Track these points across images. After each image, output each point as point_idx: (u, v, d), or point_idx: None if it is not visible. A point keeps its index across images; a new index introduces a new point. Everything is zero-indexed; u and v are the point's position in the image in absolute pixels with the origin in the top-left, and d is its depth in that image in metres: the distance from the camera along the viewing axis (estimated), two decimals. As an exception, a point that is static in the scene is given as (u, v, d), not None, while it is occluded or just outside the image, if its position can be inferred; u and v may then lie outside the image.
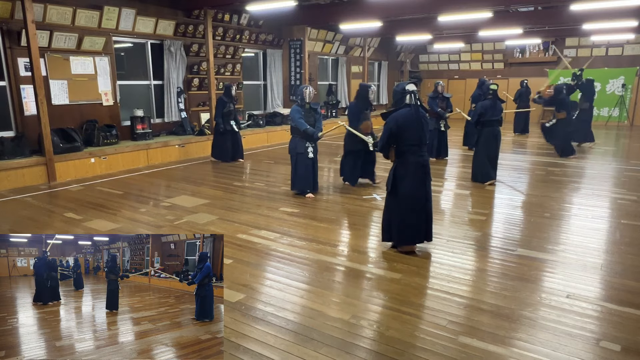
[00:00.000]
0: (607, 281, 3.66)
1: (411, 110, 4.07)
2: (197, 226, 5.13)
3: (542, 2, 10.55)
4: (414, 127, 4.06)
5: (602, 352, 2.69)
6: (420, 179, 4.15)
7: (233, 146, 9.18)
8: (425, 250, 4.35)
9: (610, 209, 5.73)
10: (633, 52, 15.58)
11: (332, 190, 6.92)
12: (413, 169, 4.12)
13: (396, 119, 4.06)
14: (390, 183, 4.20)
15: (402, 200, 4.16)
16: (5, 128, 7.63)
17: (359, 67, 16.80)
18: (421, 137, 4.11)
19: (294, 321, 3.06)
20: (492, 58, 18.38)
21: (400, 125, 4.04)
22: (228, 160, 9.14)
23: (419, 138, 4.10)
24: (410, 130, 4.06)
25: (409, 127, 4.05)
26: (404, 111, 4.08)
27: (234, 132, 9.06)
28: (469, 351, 2.70)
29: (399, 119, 4.05)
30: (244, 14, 11.46)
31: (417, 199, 4.16)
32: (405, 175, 4.12)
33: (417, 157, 4.12)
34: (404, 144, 4.09)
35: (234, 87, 9.09)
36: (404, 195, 4.14)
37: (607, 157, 9.50)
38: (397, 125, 4.04)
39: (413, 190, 4.13)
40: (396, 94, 4.20)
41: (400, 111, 4.10)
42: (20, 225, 5.27)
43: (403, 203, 4.16)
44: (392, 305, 3.30)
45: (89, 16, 8.25)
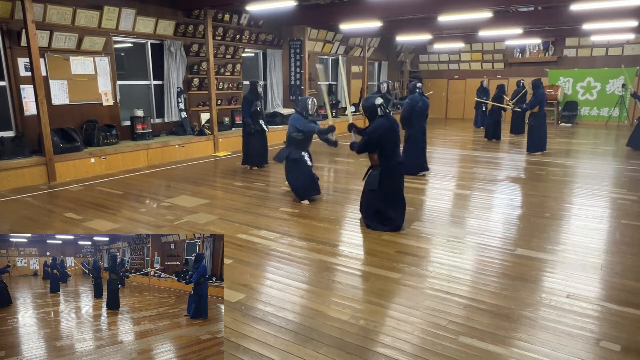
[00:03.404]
0: (607, 281, 3.66)
1: (385, 121, 4.71)
2: (197, 226, 5.12)
3: (542, 2, 10.55)
4: (391, 134, 4.72)
5: (602, 352, 2.69)
6: (400, 175, 4.86)
7: (262, 149, 8.36)
8: (426, 250, 4.35)
9: (610, 209, 5.73)
10: (633, 52, 15.58)
11: (332, 191, 6.93)
12: (395, 169, 4.78)
13: (378, 131, 4.68)
14: (376, 182, 4.77)
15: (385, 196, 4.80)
16: (5, 128, 7.63)
17: (359, 67, 16.81)
18: (396, 140, 4.82)
19: (294, 321, 3.06)
20: (492, 58, 18.38)
21: (381, 135, 4.68)
22: (261, 164, 8.38)
23: (395, 141, 4.79)
24: (389, 137, 4.72)
25: (387, 135, 4.71)
26: (381, 122, 4.71)
27: (263, 132, 8.23)
28: (469, 351, 2.69)
29: (380, 130, 4.67)
30: (244, 14, 11.46)
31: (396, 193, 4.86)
32: (390, 176, 4.76)
33: (397, 157, 4.81)
34: (386, 149, 4.72)
35: (260, 84, 8.27)
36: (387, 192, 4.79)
37: (607, 157, 9.50)
38: (379, 136, 4.68)
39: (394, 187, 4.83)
40: (368, 108, 4.78)
41: (379, 122, 4.71)
42: (20, 225, 5.27)
43: (386, 198, 4.80)
44: (392, 305, 3.30)
45: (89, 16, 8.25)
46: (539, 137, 9.87)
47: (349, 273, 3.88)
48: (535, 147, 9.92)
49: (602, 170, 8.13)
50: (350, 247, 4.50)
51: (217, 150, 10.33)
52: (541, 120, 9.79)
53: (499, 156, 9.92)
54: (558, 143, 11.93)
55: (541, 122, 9.80)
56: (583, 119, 16.59)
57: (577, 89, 16.56)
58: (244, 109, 8.11)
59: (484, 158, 9.66)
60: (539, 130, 9.85)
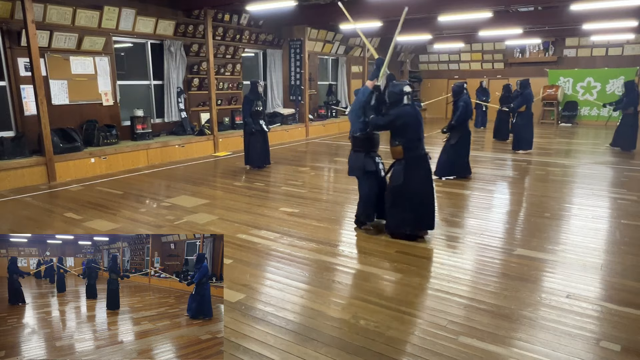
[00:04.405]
0: (607, 281, 3.66)
1: (411, 109, 4.42)
2: (197, 226, 5.12)
3: (542, 2, 10.55)
4: (415, 124, 4.43)
5: (602, 352, 2.69)
6: (427, 170, 4.53)
7: (263, 149, 8.35)
8: (426, 250, 4.35)
9: (610, 209, 5.73)
10: (633, 52, 15.58)
11: (332, 191, 6.92)
12: (420, 162, 4.48)
13: (402, 117, 4.37)
14: (401, 177, 4.43)
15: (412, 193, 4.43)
16: (5, 128, 7.63)
17: (359, 67, 16.81)
18: (420, 132, 4.50)
19: (294, 321, 3.06)
20: (492, 58, 18.39)
21: (405, 123, 4.38)
22: (262, 165, 8.39)
23: (419, 133, 4.49)
24: (413, 128, 4.42)
25: (411, 125, 4.41)
26: (407, 109, 4.41)
27: (264, 132, 8.25)
28: (469, 351, 2.69)
29: (405, 116, 4.38)
30: (244, 14, 11.46)
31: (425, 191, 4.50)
32: (415, 169, 4.44)
33: (420, 151, 4.51)
34: (410, 140, 4.42)
35: (261, 83, 8.20)
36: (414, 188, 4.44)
37: (607, 157, 9.50)
38: (403, 123, 4.37)
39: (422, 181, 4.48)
40: (393, 94, 4.46)
41: (404, 109, 4.40)
42: (20, 225, 5.27)
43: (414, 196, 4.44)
44: (392, 305, 3.30)
45: (89, 16, 8.25)
46: (525, 136, 10.05)
47: (349, 273, 3.88)
48: (520, 145, 10.08)
49: (602, 170, 8.13)
50: (350, 247, 4.50)
51: (217, 150, 10.33)
52: (528, 119, 9.99)
53: (499, 156, 9.92)
54: (558, 143, 11.94)
55: (528, 121, 10.00)
56: (583, 119, 16.59)
57: (577, 89, 16.56)
58: (244, 109, 8.12)
59: (483, 158, 9.66)
60: (526, 129, 10.04)
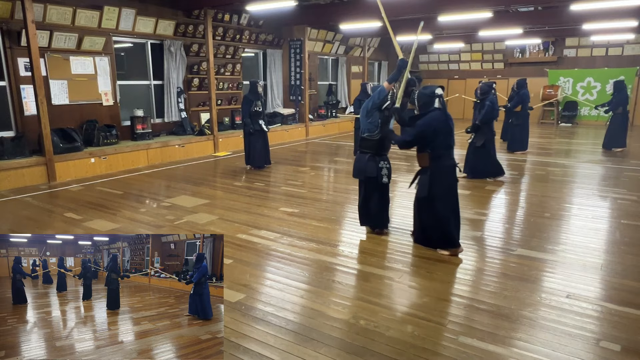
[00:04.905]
0: (607, 281, 3.66)
1: (442, 115, 4.07)
2: (197, 226, 5.12)
3: (542, 2, 10.55)
4: (446, 131, 4.08)
5: (602, 352, 2.69)
6: (454, 179, 4.17)
7: (263, 149, 8.36)
8: (425, 250, 4.34)
9: (610, 209, 5.73)
10: (633, 52, 15.58)
11: (332, 191, 6.93)
12: (449, 172, 4.14)
13: (432, 125, 4.03)
14: (426, 189, 4.12)
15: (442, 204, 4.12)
16: (5, 128, 7.63)
17: (359, 67, 16.80)
18: (451, 139, 4.15)
19: (294, 321, 3.06)
20: (492, 58, 18.38)
21: (435, 130, 4.02)
22: (262, 165, 8.38)
23: (450, 140, 4.15)
24: (443, 134, 4.07)
25: (442, 131, 4.06)
26: (437, 114, 4.06)
27: (264, 133, 8.24)
28: (469, 351, 2.70)
29: (434, 123, 4.03)
30: (244, 14, 11.46)
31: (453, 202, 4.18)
32: (442, 180, 4.10)
33: (450, 160, 4.16)
34: (439, 148, 4.08)
35: (260, 84, 8.16)
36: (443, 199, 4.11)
37: (607, 157, 9.49)
38: (433, 131, 4.02)
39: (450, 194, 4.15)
40: (423, 96, 4.15)
41: (433, 115, 4.06)
42: (20, 225, 5.27)
43: (443, 207, 4.12)
44: (392, 305, 3.30)
45: (89, 16, 8.25)
46: (520, 136, 10.05)
47: (349, 273, 3.87)
48: (516, 146, 10.07)
49: (602, 170, 8.13)
50: (350, 247, 4.50)
51: (217, 150, 10.33)
52: (524, 119, 9.98)
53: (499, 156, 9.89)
54: (558, 143, 11.94)
55: (524, 121, 9.99)
56: (583, 119, 16.59)
57: (577, 89, 16.55)
58: (243, 109, 8.10)
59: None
60: (521, 129, 10.02)
